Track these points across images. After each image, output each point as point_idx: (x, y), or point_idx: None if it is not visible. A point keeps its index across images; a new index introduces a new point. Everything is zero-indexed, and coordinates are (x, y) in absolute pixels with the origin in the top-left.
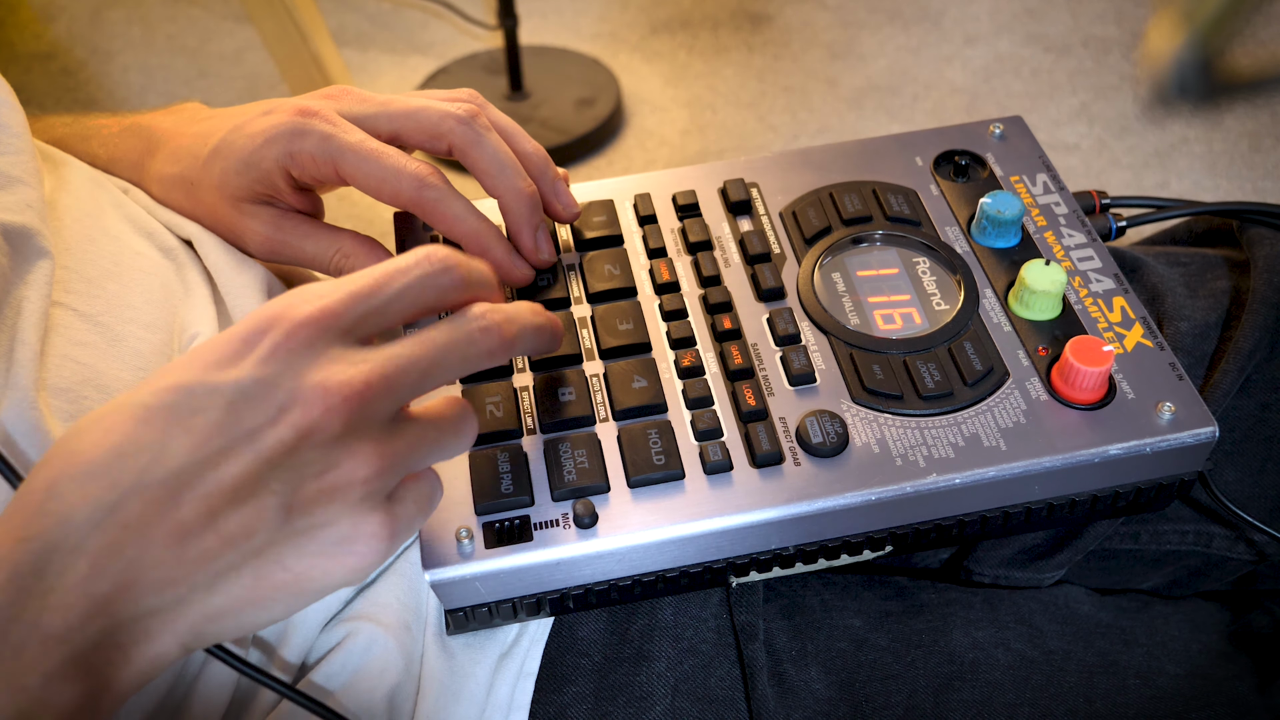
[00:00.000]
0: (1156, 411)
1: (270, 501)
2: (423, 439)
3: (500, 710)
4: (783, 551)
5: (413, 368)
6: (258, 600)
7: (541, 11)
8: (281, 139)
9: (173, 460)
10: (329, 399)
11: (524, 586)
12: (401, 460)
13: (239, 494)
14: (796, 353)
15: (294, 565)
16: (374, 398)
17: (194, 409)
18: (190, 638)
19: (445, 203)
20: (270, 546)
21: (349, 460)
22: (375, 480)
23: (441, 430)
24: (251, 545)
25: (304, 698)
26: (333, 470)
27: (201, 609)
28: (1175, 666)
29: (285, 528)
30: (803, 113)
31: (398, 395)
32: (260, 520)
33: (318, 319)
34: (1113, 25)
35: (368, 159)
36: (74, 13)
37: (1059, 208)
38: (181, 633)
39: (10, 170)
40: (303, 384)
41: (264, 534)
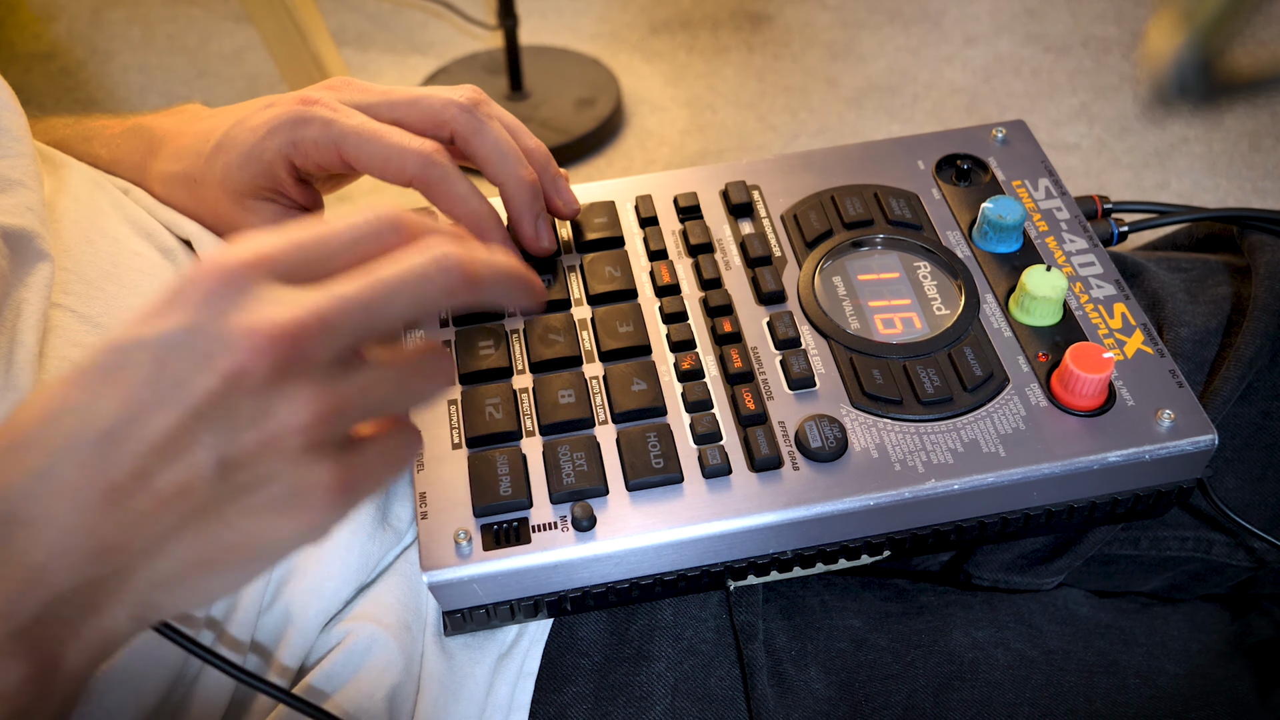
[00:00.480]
0: (1156, 419)
1: (204, 456)
2: (376, 383)
3: (500, 710)
4: (781, 556)
5: (355, 305)
6: (207, 564)
7: (541, 11)
8: (284, 129)
9: (101, 419)
10: (254, 339)
11: (522, 589)
12: (348, 406)
13: (170, 449)
14: (796, 356)
15: (240, 524)
16: (308, 337)
17: (121, 364)
18: (141, 608)
19: (450, 181)
20: (212, 505)
21: (284, 406)
22: (316, 427)
23: (403, 374)
24: (190, 505)
25: (300, 701)
26: (267, 418)
27: (147, 575)
28: (1175, 666)
29: (225, 484)
30: (803, 113)
31: (338, 334)
32: (195, 476)
33: (250, 262)
34: (1113, 25)
35: (370, 140)
36: (74, 13)
37: (1060, 213)
38: (130, 603)
39: (10, 174)
40: (229, 327)
41: (202, 491)
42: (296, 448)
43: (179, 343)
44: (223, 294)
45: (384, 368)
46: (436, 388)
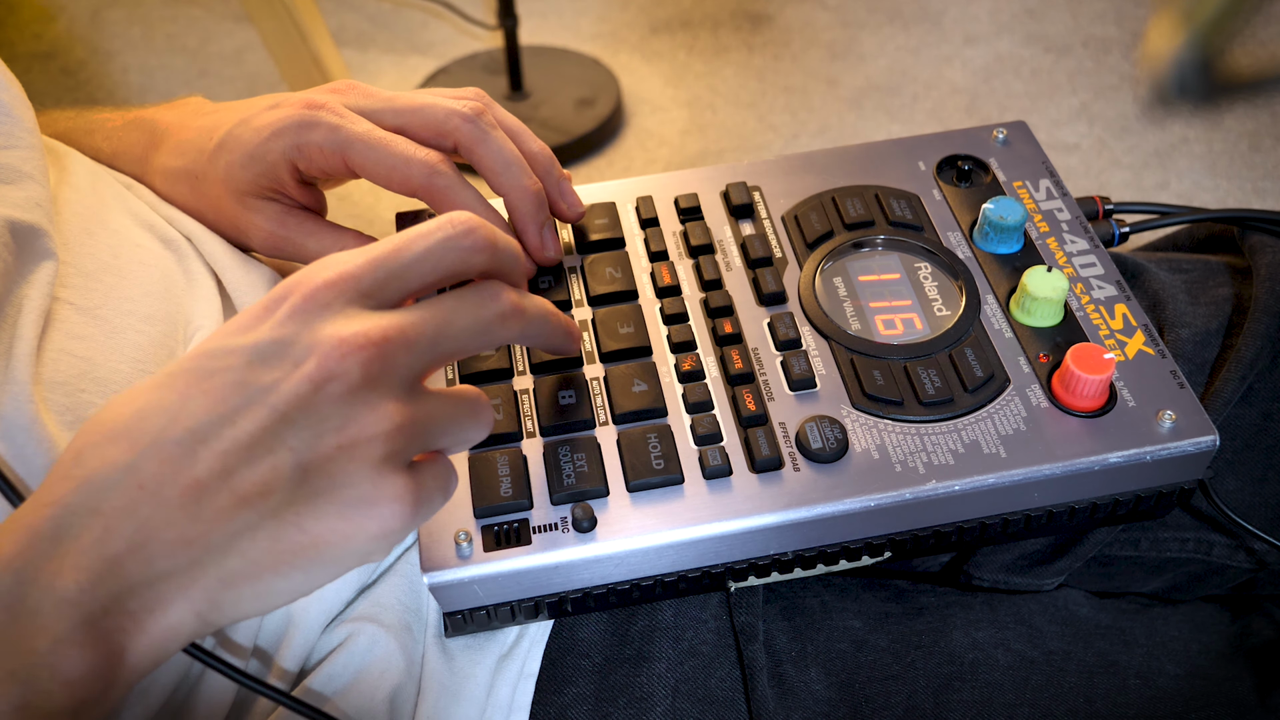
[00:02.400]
0: (1157, 420)
1: (286, 458)
2: (443, 410)
3: (501, 711)
4: (781, 557)
5: (427, 327)
6: (275, 565)
7: (541, 11)
8: (289, 132)
9: (190, 419)
10: (344, 348)
11: (522, 590)
12: (422, 425)
13: (255, 450)
14: (797, 358)
15: (312, 527)
16: (391, 351)
17: (213, 371)
18: (206, 606)
19: (455, 190)
20: (288, 506)
21: (368, 414)
22: (396, 438)
23: (459, 408)
24: (268, 505)
25: (299, 703)
26: (351, 425)
27: (217, 572)
28: (1175, 667)
29: (303, 487)
30: (803, 113)
31: (415, 352)
32: (276, 478)
33: (336, 282)
34: (1113, 25)
35: (376, 147)
36: (74, 13)
37: (1061, 214)
38: (196, 599)
39: (21, 166)
40: (319, 337)
41: (281, 493)
42: (375, 457)
43: (269, 352)
44: (311, 309)
45: (446, 399)
46: (486, 427)
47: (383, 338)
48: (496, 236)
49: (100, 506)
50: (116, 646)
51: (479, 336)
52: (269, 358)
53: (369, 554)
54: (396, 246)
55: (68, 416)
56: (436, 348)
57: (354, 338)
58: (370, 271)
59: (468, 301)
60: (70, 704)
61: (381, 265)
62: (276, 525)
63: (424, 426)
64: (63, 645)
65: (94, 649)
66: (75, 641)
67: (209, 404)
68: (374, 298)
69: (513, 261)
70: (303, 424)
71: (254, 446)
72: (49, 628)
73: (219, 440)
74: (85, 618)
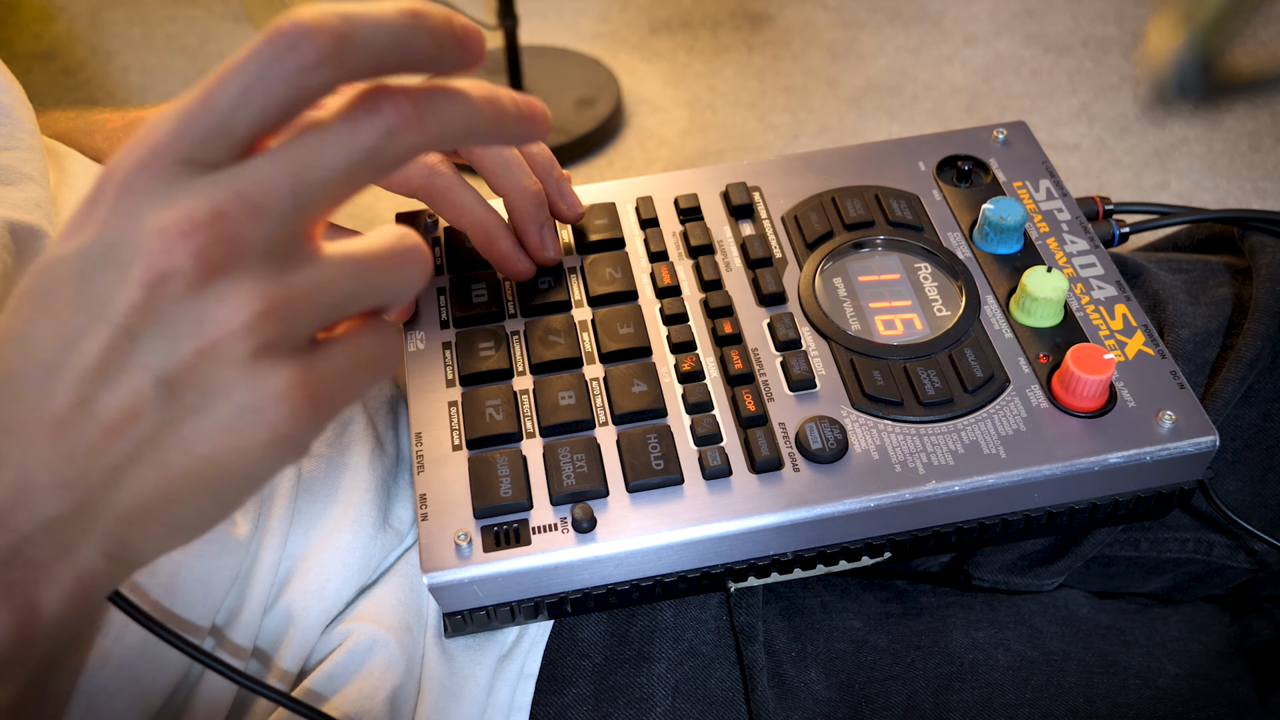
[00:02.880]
0: (1157, 420)
1: (144, 377)
2: (335, 275)
3: (501, 711)
4: (781, 557)
5: (278, 180)
6: (172, 495)
7: (541, 11)
8: None
9: (37, 350)
10: (167, 240)
11: (522, 590)
12: (300, 302)
13: (107, 374)
14: (797, 358)
15: (197, 448)
16: (231, 225)
17: (50, 289)
18: (113, 546)
19: (454, 191)
20: (164, 430)
21: (218, 307)
22: (262, 326)
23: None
24: (141, 431)
25: (298, 703)
26: (203, 324)
27: (112, 511)
28: (1175, 667)
29: (173, 405)
30: (803, 113)
31: (269, 215)
32: (140, 400)
33: (148, 161)
34: (1113, 25)
35: None
36: (74, 13)
37: (1061, 214)
38: (101, 541)
39: (22, 167)
40: (140, 231)
41: (150, 416)
42: (243, 355)
43: (97, 255)
44: (129, 198)
45: (344, 258)
46: (411, 281)
47: (214, 213)
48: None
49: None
50: (28, 598)
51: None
52: (98, 263)
53: (275, 463)
54: (206, 90)
55: None
56: (299, 200)
57: (176, 225)
58: (182, 133)
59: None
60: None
61: (193, 122)
62: (157, 452)
63: (305, 301)
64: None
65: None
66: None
67: (52, 328)
68: (200, 162)
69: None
70: (150, 335)
71: (105, 369)
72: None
73: (68, 369)
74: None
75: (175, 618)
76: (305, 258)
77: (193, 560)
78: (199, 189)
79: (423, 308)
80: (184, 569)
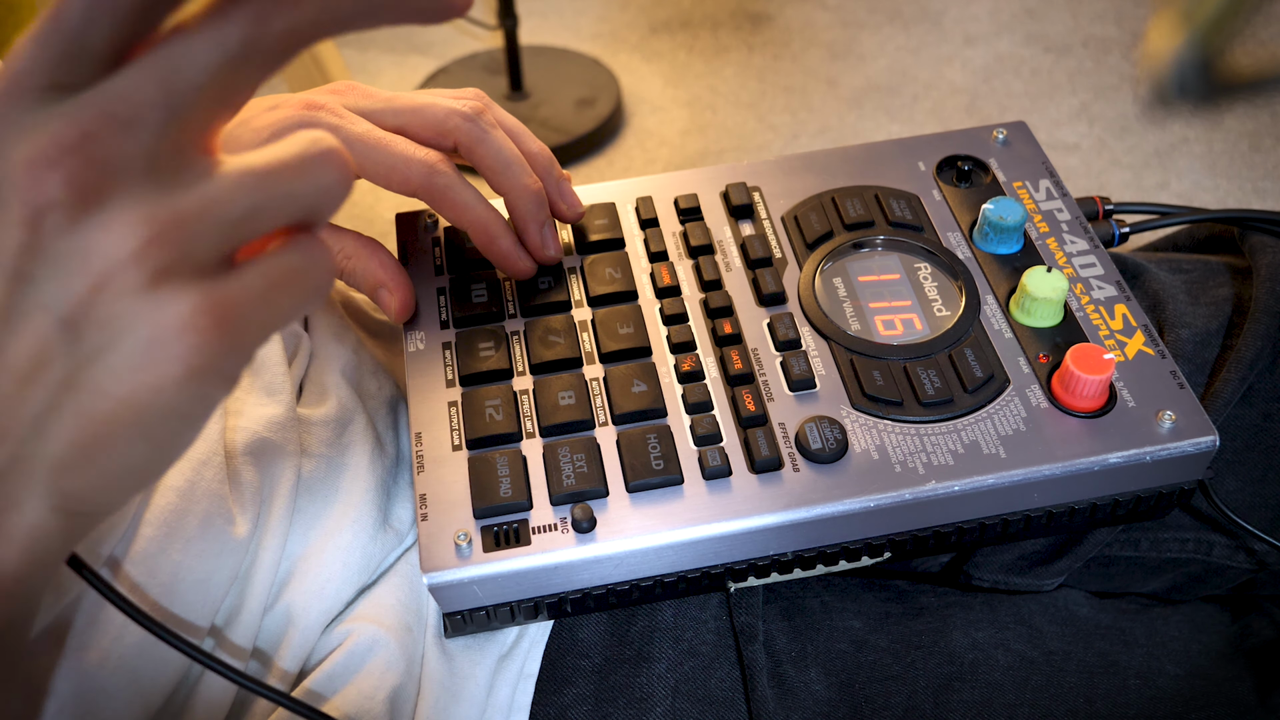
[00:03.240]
0: (1157, 420)
1: (44, 319)
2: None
3: (500, 711)
4: (781, 557)
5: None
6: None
7: (541, 11)
8: (288, 133)
9: None
10: (37, 170)
11: (522, 590)
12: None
13: (9, 321)
14: (796, 358)
15: (112, 388)
16: (101, 146)
17: None
18: (56, 498)
19: (454, 190)
20: (77, 373)
21: (103, 235)
22: (153, 251)
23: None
24: (53, 376)
25: (297, 703)
26: (89, 255)
27: (44, 462)
28: (1175, 667)
29: (79, 345)
30: (803, 113)
31: (139, 130)
32: (45, 344)
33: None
34: (1113, 25)
35: (375, 148)
36: None
37: (1061, 214)
38: (42, 494)
39: None
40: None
41: (59, 360)
42: (137, 284)
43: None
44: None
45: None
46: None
47: (81, 136)
48: None
49: None
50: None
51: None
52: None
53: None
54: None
55: None
56: (174, 108)
57: (43, 153)
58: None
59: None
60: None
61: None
62: (75, 397)
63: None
64: None
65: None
66: None
67: None
68: (62, 85)
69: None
70: (42, 277)
71: (6, 318)
72: None
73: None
74: None
75: (174, 618)
76: (196, 173)
77: (192, 560)
78: (63, 112)
79: (423, 308)
80: (183, 569)
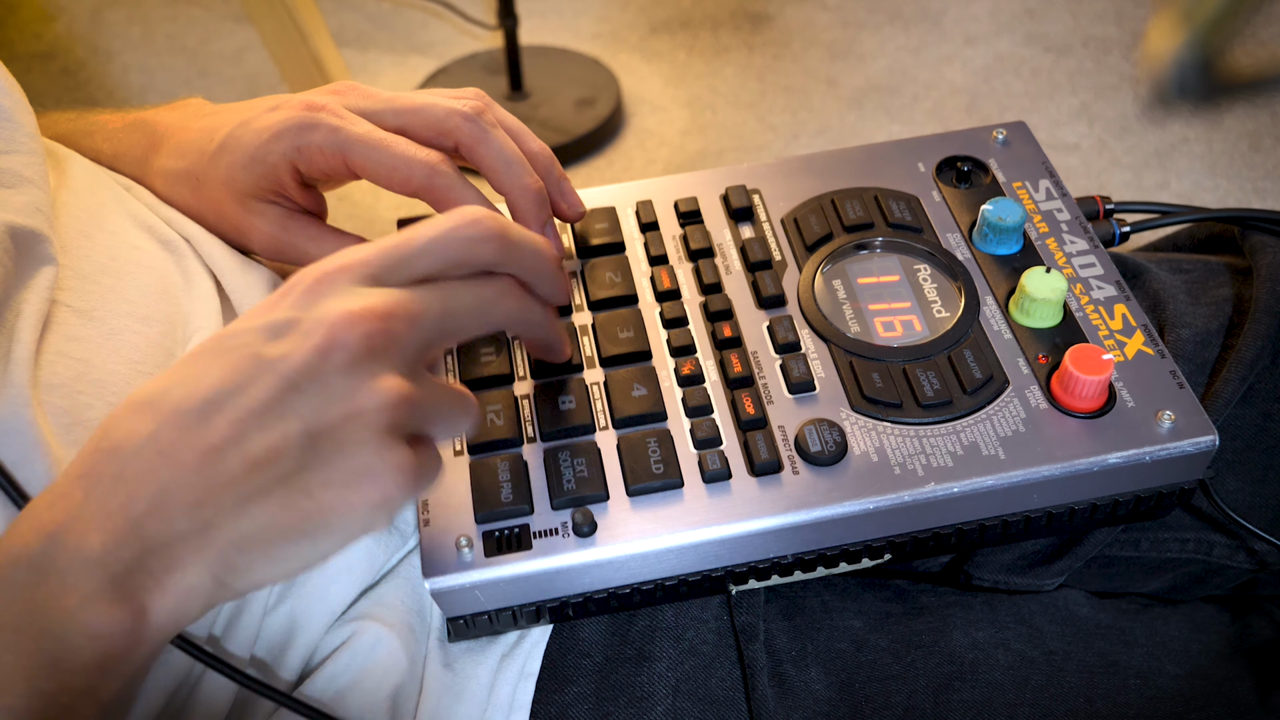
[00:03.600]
0: (1156, 420)
1: (295, 425)
2: (439, 395)
3: (501, 710)
4: (781, 560)
5: (432, 304)
6: (284, 530)
7: (541, 11)
8: (289, 134)
9: (206, 390)
10: (349, 319)
11: (523, 595)
12: (423, 403)
13: (265, 418)
14: (796, 361)
15: (319, 494)
16: (395, 325)
17: (230, 348)
18: (221, 569)
19: (456, 190)
20: (297, 473)
21: (372, 385)
22: (399, 410)
23: (452, 397)
24: (278, 470)
25: (298, 703)
26: (357, 395)
27: (229, 534)
28: (1175, 667)
29: (311, 454)
30: (803, 113)
31: (419, 327)
32: (286, 444)
33: (348, 266)
34: (1113, 25)
35: (376, 148)
36: (74, 13)
37: (1061, 214)
38: (211, 561)
39: (22, 170)
40: (327, 312)
41: (290, 459)
42: (379, 426)
43: (282, 327)
44: (322, 290)
45: (443, 386)
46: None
47: (387, 312)
48: (507, 228)
49: (124, 473)
50: (140, 604)
51: (478, 321)
52: (281, 332)
53: (371, 523)
54: (406, 237)
55: (65, 419)
56: (441, 325)
57: (361, 311)
58: (379, 258)
59: (470, 288)
60: (98, 659)
61: (390, 253)
62: (286, 491)
63: (423, 406)
64: (90, 602)
65: (119, 606)
66: (102, 599)
67: (223, 375)
68: (382, 282)
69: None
70: (311, 393)
71: (265, 414)
72: (78, 586)
73: (232, 408)
74: (110, 577)
75: None
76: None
77: None
78: (379, 294)
79: None
80: None
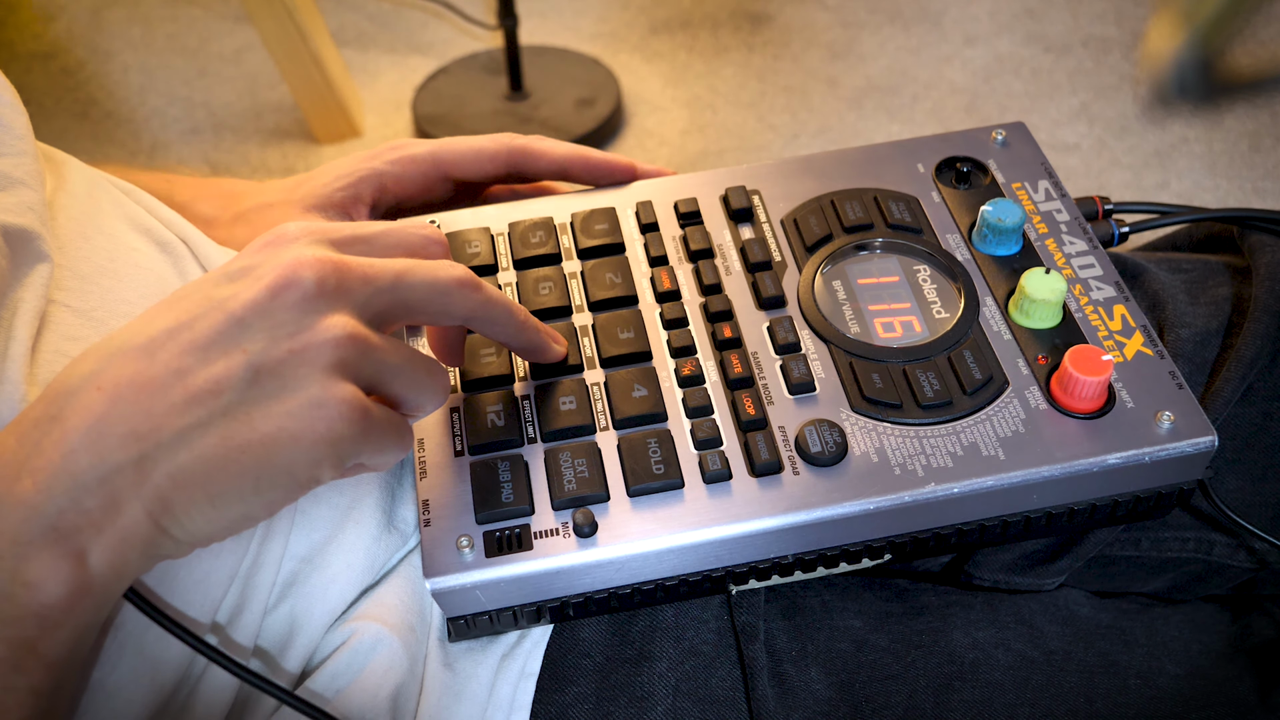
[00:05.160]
0: (1156, 421)
1: (240, 359)
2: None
3: (502, 710)
4: (781, 560)
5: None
6: (223, 463)
7: (541, 11)
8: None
9: (152, 329)
10: (302, 260)
11: (524, 595)
12: (377, 352)
13: (210, 351)
14: (796, 361)
15: (261, 425)
16: (349, 277)
17: (184, 295)
18: (158, 507)
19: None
20: (238, 406)
21: (321, 322)
22: (346, 346)
23: (414, 362)
24: (219, 403)
25: (301, 701)
26: (304, 330)
27: (166, 468)
28: (1175, 667)
29: (254, 388)
30: (803, 113)
31: (373, 287)
32: (229, 377)
33: (310, 229)
34: (1113, 25)
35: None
36: (74, 13)
37: (1060, 215)
38: (148, 499)
39: (12, 172)
40: (283, 257)
41: (232, 392)
42: (325, 363)
43: (235, 271)
44: (281, 243)
45: (405, 348)
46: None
47: (341, 261)
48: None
49: (60, 413)
50: (77, 547)
51: (435, 298)
52: (235, 277)
53: (317, 462)
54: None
55: None
56: (393, 292)
57: (315, 257)
58: (342, 230)
59: (427, 263)
60: (36, 609)
61: (352, 230)
62: (227, 422)
63: (377, 355)
64: (24, 548)
65: (53, 550)
66: (35, 544)
67: (173, 316)
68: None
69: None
70: (258, 327)
71: (209, 348)
72: (8, 531)
73: (175, 343)
74: (44, 521)
75: (173, 615)
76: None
77: (190, 559)
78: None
79: None
80: (181, 567)
